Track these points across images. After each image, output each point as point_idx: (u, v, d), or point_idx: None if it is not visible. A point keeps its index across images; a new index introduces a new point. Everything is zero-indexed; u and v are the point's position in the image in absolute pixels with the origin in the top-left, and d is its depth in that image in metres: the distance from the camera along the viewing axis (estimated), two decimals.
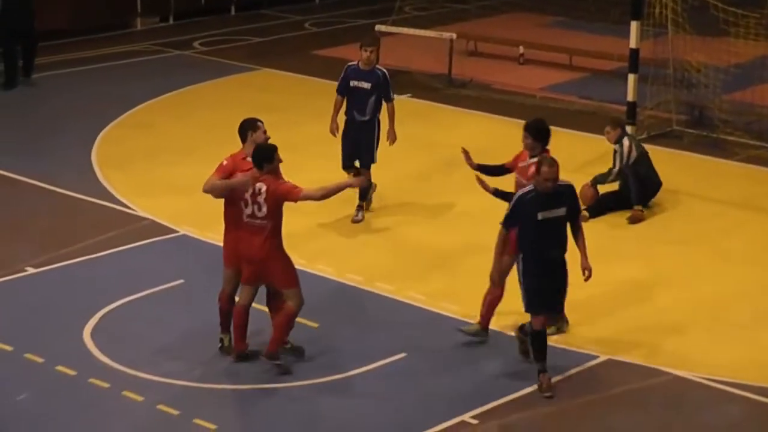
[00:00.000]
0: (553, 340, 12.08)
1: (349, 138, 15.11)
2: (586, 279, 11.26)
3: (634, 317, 12.72)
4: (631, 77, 18.15)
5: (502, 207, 15.54)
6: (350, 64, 15.04)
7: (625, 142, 15.41)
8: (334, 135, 15.01)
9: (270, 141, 11.56)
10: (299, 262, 13.70)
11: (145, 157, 17.54)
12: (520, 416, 10.77)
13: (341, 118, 15.19)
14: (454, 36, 21.97)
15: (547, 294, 11.17)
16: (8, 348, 11.77)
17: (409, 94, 20.89)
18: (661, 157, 17.71)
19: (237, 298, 11.57)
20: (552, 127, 18.79)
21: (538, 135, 12.03)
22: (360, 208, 15.13)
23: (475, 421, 10.63)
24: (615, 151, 15.45)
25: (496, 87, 21.36)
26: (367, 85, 14.70)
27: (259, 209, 11.17)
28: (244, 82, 21.57)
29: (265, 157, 11.22)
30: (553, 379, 11.28)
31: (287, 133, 18.62)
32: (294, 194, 11.18)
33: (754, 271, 13.78)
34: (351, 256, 14.18)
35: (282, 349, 11.38)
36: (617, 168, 15.41)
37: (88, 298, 12.82)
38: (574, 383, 11.35)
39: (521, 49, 22.83)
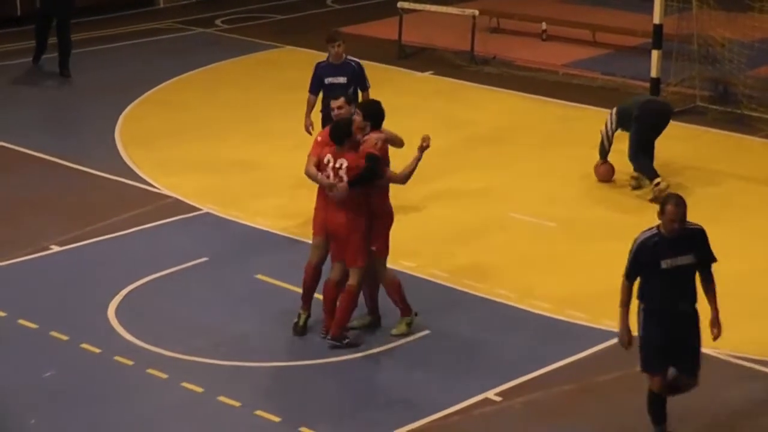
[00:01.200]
0: (577, 317, 12.09)
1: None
2: (715, 338, 9.93)
3: None
4: (654, 53, 18.08)
5: (526, 183, 15.60)
6: (320, 62, 14.69)
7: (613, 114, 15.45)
8: (309, 133, 14.22)
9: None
10: None
11: (169, 134, 17.57)
12: (543, 393, 10.77)
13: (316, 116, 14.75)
14: (477, 12, 21.88)
15: (669, 352, 9.79)
16: (34, 325, 11.84)
17: (431, 71, 20.88)
18: (685, 134, 17.69)
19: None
20: (574, 104, 18.91)
21: (372, 117, 11.68)
22: None
23: (498, 398, 10.64)
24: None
25: (518, 64, 21.28)
26: (343, 79, 14.32)
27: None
28: (266, 60, 21.56)
29: (345, 132, 11.41)
30: (575, 357, 11.28)
31: (312, 111, 18.65)
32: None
33: None
34: None
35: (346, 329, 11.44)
36: (604, 137, 15.38)
37: (112, 276, 12.87)
38: (598, 360, 11.34)
39: (544, 26, 22.73)
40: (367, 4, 26.09)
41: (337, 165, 11.30)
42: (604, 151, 15.54)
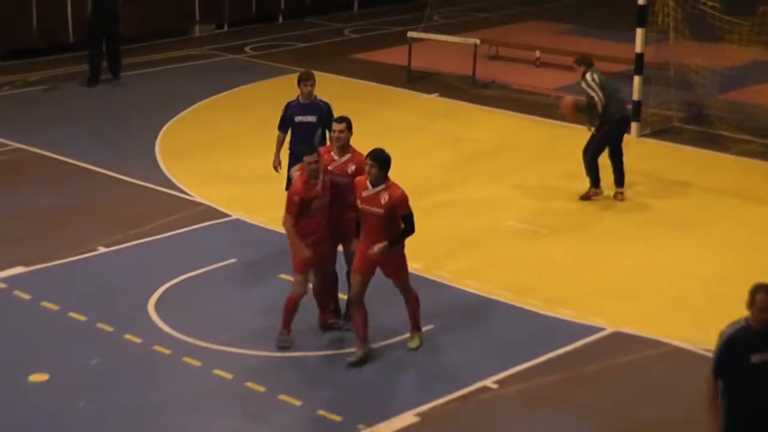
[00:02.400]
0: (566, 314, 12.07)
1: None
2: None
3: (637, 295, 12.68)
4: (636, 78, 18.05)
5: (521, 194, 15.59)
6: (290, 101, 13.44)
7: (587, 77, 15.13)
8: (276, 170, 13.56)
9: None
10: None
11: (202, 149, 17.58)
12: (537, 382, 10.75)
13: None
14: (478, 42, 21.87)
15: None
16: (82, 318, 11.85)
17: (437, 94, 20.86)
18: (663, 151, 17.68)
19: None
20: (565, 123, 18.85)
21: (383, 164, 10.79)
22: None
23: (495, 386, 10.63)
24: (583, 89, 15.21)
25: (515, 87, 21.27)
26: (312, 118, 13.18)
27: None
28: (290, 83, 21.45)
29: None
30: (565, 349, 11.27)
31: None
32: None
33: (748, 253, 13.69)
34: None
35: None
36: (596, 99, 15.05)
37: (152, 274, 12.87)
38: (585, 352, 11.32)
39: (538, 53, 22.73)
40: (380, 33, 26.10)
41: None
42: (593, 119, 15.24)
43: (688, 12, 18.20)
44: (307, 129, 13.15)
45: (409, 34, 22.33)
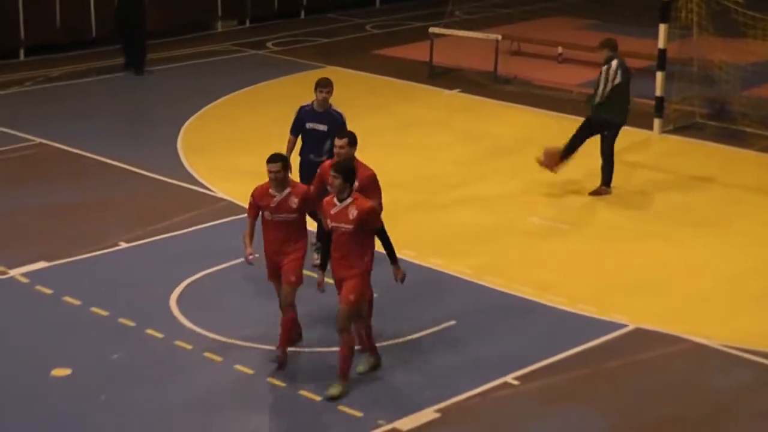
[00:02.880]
0: (588, 310, 12.07)
1: (306, 179, 12.53)
2: None
3: (658, 291, 12.66)
4: (659, 74, 18.03)
5: (542, 190, 15.56)
6: (304, 105, 13.02)
7: (613, 64, 15.10)
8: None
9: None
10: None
11: (225, 144, 17.63)
12: (557, 378, 10.75)
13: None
14: (500, 37, 21.87)
15: None
16: (104, 313, 11.91)
17: (458, 89, 20.87)
18: (686, 147, 17.64)
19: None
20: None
21: (347, 176, 10.20)
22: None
23: (516, 383, 10.63)
24: (600, 72, 15.18)
25: (536, 83, 21.26)
26: (323, 127, 12.74)
27: None
28: (311, 79, 21.38)
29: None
30: (586, 345, 11.27)
31: (351, 124, 18.62)
32: None
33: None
34: (405, 233, 14.17)
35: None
36: (601, 88, 15.09)
37: (173, 270, 12.92)
38: (606, 348, 11.31)
39: (560, 50, 22.69)
40: (401, 29, 26.12)
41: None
42: (592, 102, 15.26)
43: (711, 7, 18.15)
44: (316, 136, 12.79)
45: (431, 29, 22.34)
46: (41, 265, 13.04)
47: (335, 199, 10.27)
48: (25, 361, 10.96)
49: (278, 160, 10.70)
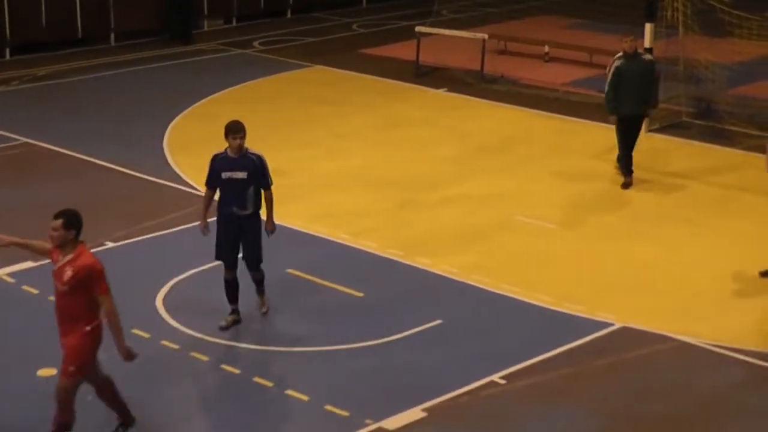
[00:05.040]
0: (575, 309, 12.04)
1: (228, 236, 11.57)
2: None
3: (646, 290, 12.64)
4: None
5: (529, 189, 15.55)
6: (217, 153, 11.63)
7: (612, 62, 15.64)
8: (204, 234, 11.71)
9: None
10: (345, 238, 13.77)
11: (211, 143, 17.41)
12: (544, 377, 10.72)
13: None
14: (486, 36, 21.85)
15: None
16: None
17: (445, 89, 20.83)
18: (672, 146, 17.62)
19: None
20: (573, 118, 18.86)
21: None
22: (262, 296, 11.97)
23: (503, 381, 10.59)
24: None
25: (523, 82, 21.23)
26: (242, 174, 11.37)
27: None
28: (298, 78, 21.54)
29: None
30: (573, 344, 11.24)
31: (339, 123, 18.66)
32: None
33: (757, 249, 13.63)
34: (392, 232, 14.15)
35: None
36: (607, 85, 15.56)
37: (160, 269, 12.87)
38: (592, 347, 11.29)
39: (547, 48, 22.68)
40: (388, 28, 26.08)
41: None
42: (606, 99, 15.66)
43: (697, 7, 18.15)
44: (236, 186, 11.37)
45: (418, 28, 22.31)
46: (28, 265, 12.94)
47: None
48: (11, 361, 10.89)
49: (57, 216, 9.03)
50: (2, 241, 9.55)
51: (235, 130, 11.47)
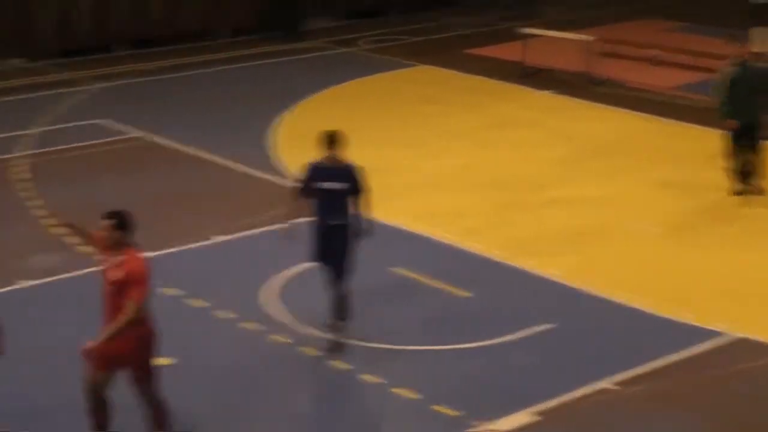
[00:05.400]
0: (686, 317, 11.77)
1: (323, 246, 11.32)
2: None
3: (761, 299, 12.31)
4: None
5: (636, 193, 15.30)
6: (312, 162, 11.49)
7: (725, 67, 15.18)
8: (288, 240, 11.22)
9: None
10: (449, 238, 13.67)
11: (316, 140, 17.56)
12: (657, 384, 10.45)
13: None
14: (592, 38, 21.63)
15: None
16: (205, 304, 11.93)
17: (550, 90, 20.65)
18: None
19: None
20: (681, 122, 18.51)
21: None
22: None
23: (616, 387, 10.40)
24: None
25: (629, 85, 20.96)
26: (340, 185, 11.18)
27: None
28: (404, 77, 21.52)
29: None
30: (686, 353, 10.98)
31: (444, 122, 18.58)
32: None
33: None
34: (496, 233, 14.01)
35: None
36: (721, 91, 15.11)
37: (265, 265, 12.86)
38: (705, 356, 10.99)
39: (655, 52, 22.36)
40: (492, 29, 25.96)
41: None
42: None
43: None
44: (333, 196, 11.17)
45: (523, 29, 22.15)
46: None
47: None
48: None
49: (110, 216, 8.96)
50: (65, 223, 9.91)
51: (331, 140, 11.40)
